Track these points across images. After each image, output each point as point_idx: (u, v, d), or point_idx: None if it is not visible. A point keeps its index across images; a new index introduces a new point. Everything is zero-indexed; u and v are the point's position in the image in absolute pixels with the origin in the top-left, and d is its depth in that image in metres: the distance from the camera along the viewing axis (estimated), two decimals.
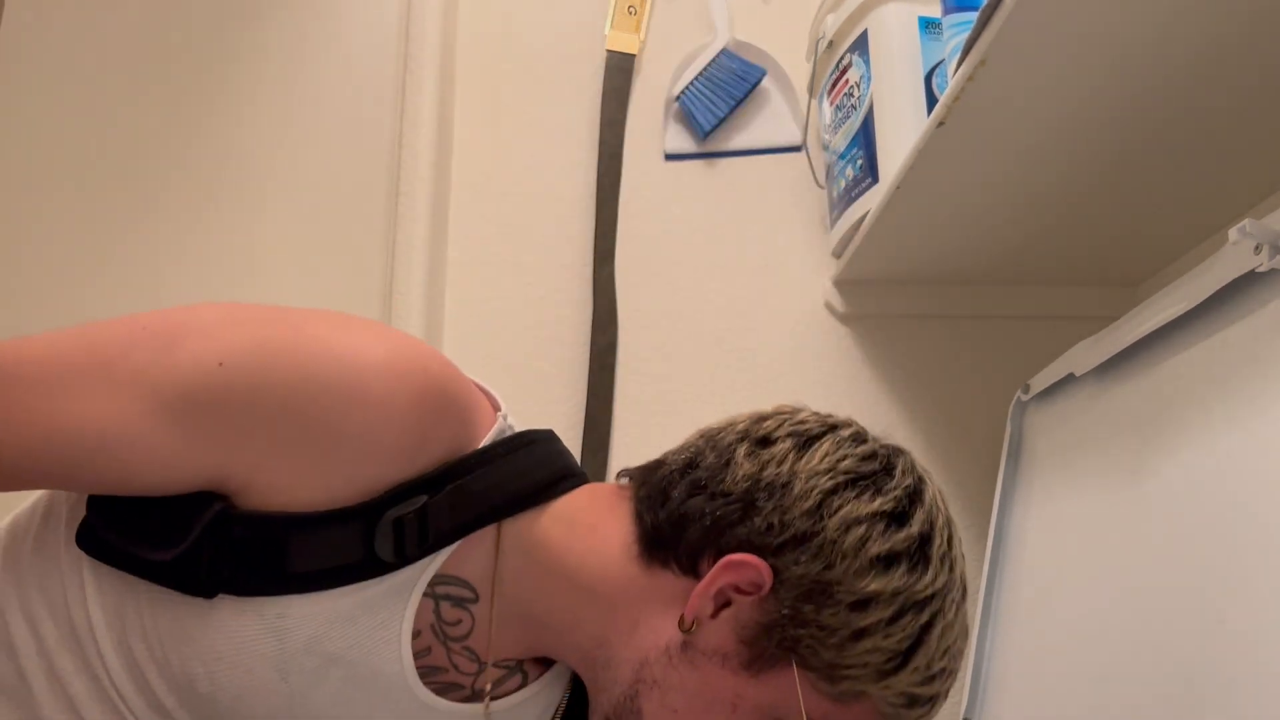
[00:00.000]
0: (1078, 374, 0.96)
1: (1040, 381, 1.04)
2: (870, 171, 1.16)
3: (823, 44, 1.26)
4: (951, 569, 0.64)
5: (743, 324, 1.32)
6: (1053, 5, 0.77)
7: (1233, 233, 0.70)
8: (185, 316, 0.60)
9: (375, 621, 0.62)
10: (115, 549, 0.60)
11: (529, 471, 0.67)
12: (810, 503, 0.61)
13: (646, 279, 1.32)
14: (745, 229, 1.34)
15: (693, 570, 0.64)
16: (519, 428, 0.70)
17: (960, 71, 0.86)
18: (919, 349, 1.31)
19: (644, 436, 1.26)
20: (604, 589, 0.65)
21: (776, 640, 0.62)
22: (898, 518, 0.62)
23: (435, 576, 0.63)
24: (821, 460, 0.63)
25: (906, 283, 1.30)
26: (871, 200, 1.14)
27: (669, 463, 0.68)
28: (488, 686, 0.67)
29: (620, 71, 1.38)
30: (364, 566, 0.61)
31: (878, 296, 1.31)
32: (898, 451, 0.68)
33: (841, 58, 1.23)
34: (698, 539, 0.63)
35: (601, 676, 0.66)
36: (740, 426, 0.68)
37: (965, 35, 0.85)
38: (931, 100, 1.13)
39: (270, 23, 1.30)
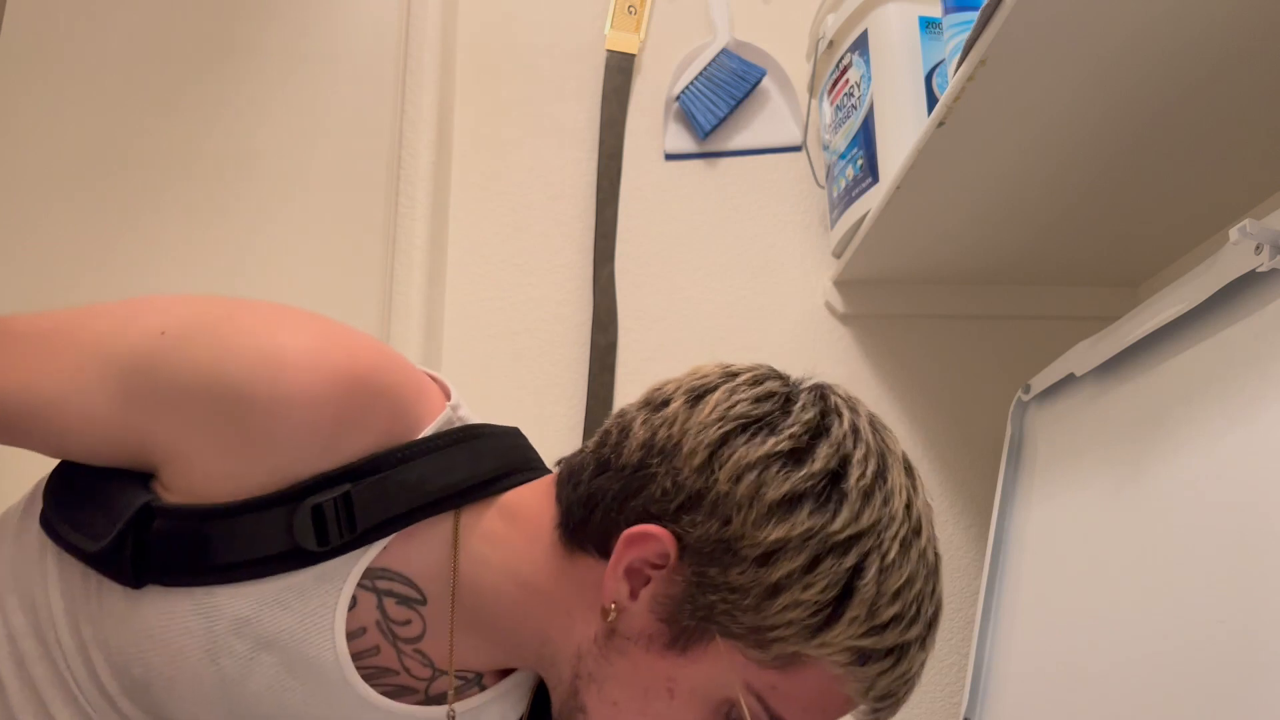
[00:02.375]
0: (1078, 374, 0.96)
1: (1040, 382, 1.04)
2: (870, 171, 1.16)
3: (823, 44, 1.26)
4: (886, 503, 0.57)
5: (743, 324, 1.32)
6: (1052, 5, 0.77)
7: (1233, 233, 0.70)
8: (147, 298, 0.65)
9: (308, 608, 0.60)
10: (60, 536, 0.61)
11: (471, 463, 0.63)
12: (700, 458, 0.57)
13: (647, 279, 1.32)
14: (745, 229, 1.34)
15: (607, 553, 0.60)
16: (475, 420, 0.66)
17: (960, 71, 0.86)
18: (919, 349, 1.30)
19: None
20: (538, 581, 0.62)
21: (691, 612, 0.57)
22: (796, 456, 0.57)
23: (374, 570, 0.61)
24: (710, 411, 0.59)
25: (906, 283, 1.30)
26: (871, 200, 1.14)
27: (586, 444, 0.65)
28: (450, 690, 0.64)
29: (620, 71, 1.38)
30: (290, 556, 0.59)
31: (878, 296, 1.31)
32: (808, 387, 0.63)
33: (842, 58, 1.23)
34: (602, 518, 0.60)
35: (550, 675, 0.64)
36: (646, 394, 0.65)
37: (965, 35, 0.85)
38: (931, 100, 1.13)
39: (271, 22, 1.30)
